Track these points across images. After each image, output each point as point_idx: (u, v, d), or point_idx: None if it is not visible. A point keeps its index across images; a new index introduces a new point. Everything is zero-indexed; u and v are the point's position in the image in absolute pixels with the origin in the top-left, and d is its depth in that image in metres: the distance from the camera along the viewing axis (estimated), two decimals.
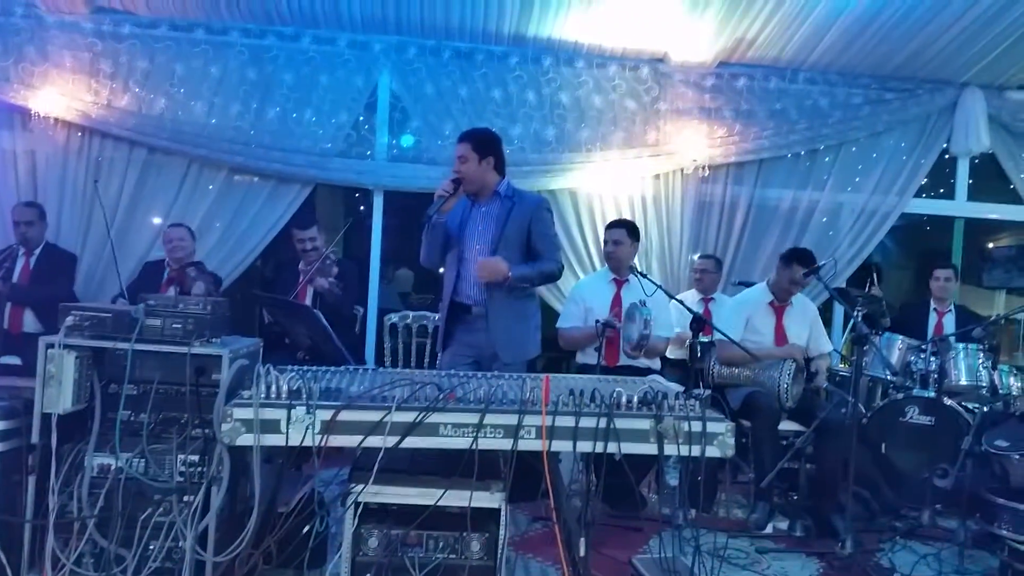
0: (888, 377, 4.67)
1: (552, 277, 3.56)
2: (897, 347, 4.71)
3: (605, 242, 4.47)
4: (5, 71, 5.02)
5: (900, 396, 4.48)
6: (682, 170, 5.48)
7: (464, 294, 3.48)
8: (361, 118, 5.32)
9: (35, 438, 2.40)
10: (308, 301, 4.49)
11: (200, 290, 4.33)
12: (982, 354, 4.48)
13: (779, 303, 4.32)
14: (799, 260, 4.18)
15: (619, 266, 4.37)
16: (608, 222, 4.62)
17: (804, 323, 4.35)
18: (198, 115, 5.14)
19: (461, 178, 3.40)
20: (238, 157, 5.14)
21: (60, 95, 5.04)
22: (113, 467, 2.40)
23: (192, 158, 5.17)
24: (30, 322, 4.58)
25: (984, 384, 4.43)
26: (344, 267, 4.63)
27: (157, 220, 5.14)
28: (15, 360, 4.20)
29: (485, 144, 3.49)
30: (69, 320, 2.44)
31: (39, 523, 2.40)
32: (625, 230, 4.37)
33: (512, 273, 3.32)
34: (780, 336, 4.27)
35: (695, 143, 5.44)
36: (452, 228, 3.51)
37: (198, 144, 5.10)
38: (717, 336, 4.14)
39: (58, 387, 2.37)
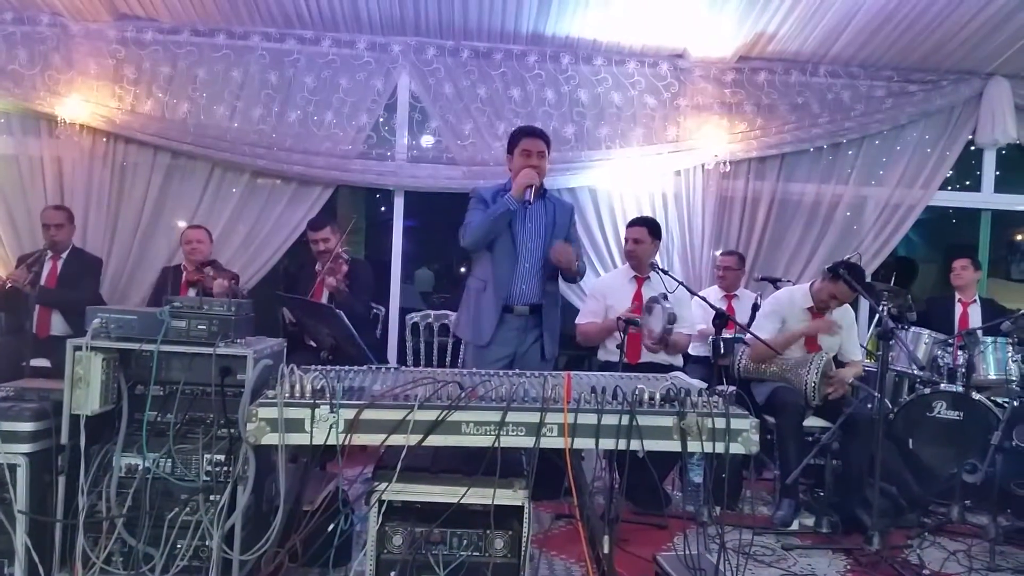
0: (915, 372, 4.63)
1: (580, 278, 3.82)
2: (923, 341, 4.68)
3: (626, 240, 4.46)
4: (32, 79, 5.10)
5: (927, 391, 4.44)
6: (703, 166, 5.46)
7: (516, 294, 3.60)
8: (381, 119, 5.37)
9: (64, 439, 2.43)
10: (324, 300, 4.51)
11: (222, 288, 4.36)
12: (1011, 347, 4.41)
13: (818, 311, 4.24)
14: (849, 276, 3.96)
15: (640, 264, 4.36)
16: (629, 220, 4.60)
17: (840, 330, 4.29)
18: (220, 119, 5.20)
19: (540, 174, 3.56)
20: (260, 160, 5.18)
21: (85, 102, 5.11)
22: (141, 467, 2.43)
23: (215, 162, 5.22)
24: (58, 325, 4.64)
25: (1014, 378, 4.37)
26: (356, 266, 4.64)
27: (182, 224, 5.18)
28: (44, 362, 4.26)
29: (549, 143, 3.70)
30: (96, 322, 2.47)
31: (69, 522, 2.43)
32: (646, 228, 4.35)
33: (579, 264, 3.63)
34: (812, 343, 4.24)
35: (716, 138, 5.42)
36: (508, 223, 3.61)
37: (221, 148, 5.15)
38: (746, 335, 4.13)
39: (86, 389, 2.40)
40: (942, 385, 4.44)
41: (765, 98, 5.48)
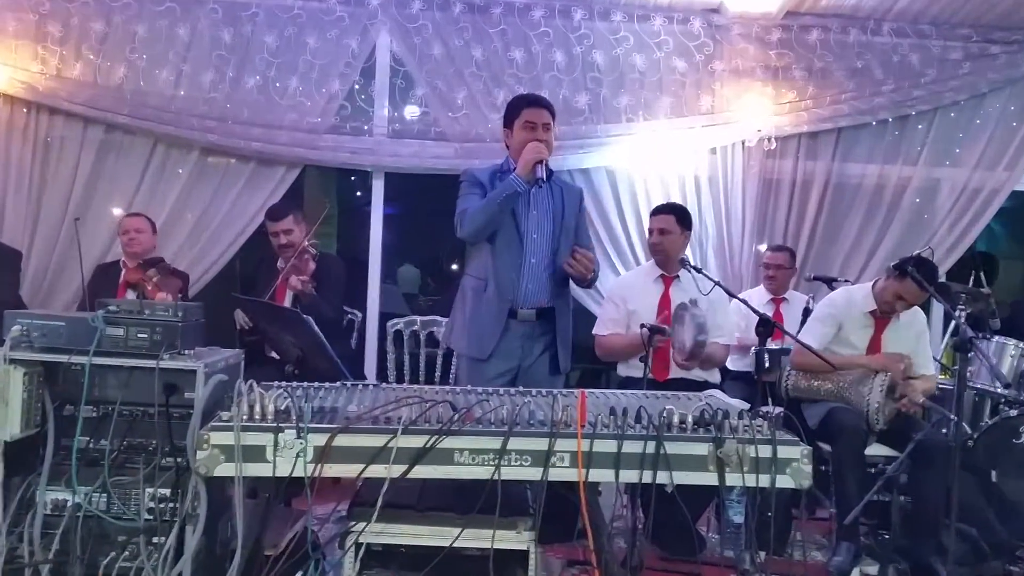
0: (998, 390, 4.62)
1: (593, 283, 3.80)
2: (1009, 354, 4.67)
3: (650, 231, 4.44)
4: None
5: (1014, 413, 4.42)
6: (743, 142, 5.44)
7: (522, 295, 3.60)
8: (356, 87, 5.34)
9: None
10: (287, 304, 4.53)
11: (166, 295, 4.36)
12: None
13: (881, 315, 4.24)
14: (919, 274, 3.95)
15: (667, 260, 4.34)
16: (654, 207, 4.60)
17: (908, 338, 4.30)
18: (164, 85, 5.16)
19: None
20: (211, 135, 5.15)
21: (2, 65, 5.09)
22: (70, 503, 2.42)
23: (157, 137, 5.20)
24: None
25: None
26: (325, 263, 4.65)
27: (118, 212, 5.15)
28: None
29: (555, 115, 3.70)
30: (15, 330, 2.47)
31: None
32: (674, 216, 4.34)
33: (596, 271, 3.59)
34: (876, 352, 4.25)
35: (759, 110, 5.40)
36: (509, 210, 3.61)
37: (164, 120, 5.12)
38: (792, 342, 4.12)
39: (4, 409, 2.38)
40: None
41: (818, 61, 5.44)
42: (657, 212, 4.44)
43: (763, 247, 5.41)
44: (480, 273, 3.66)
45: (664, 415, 2.30)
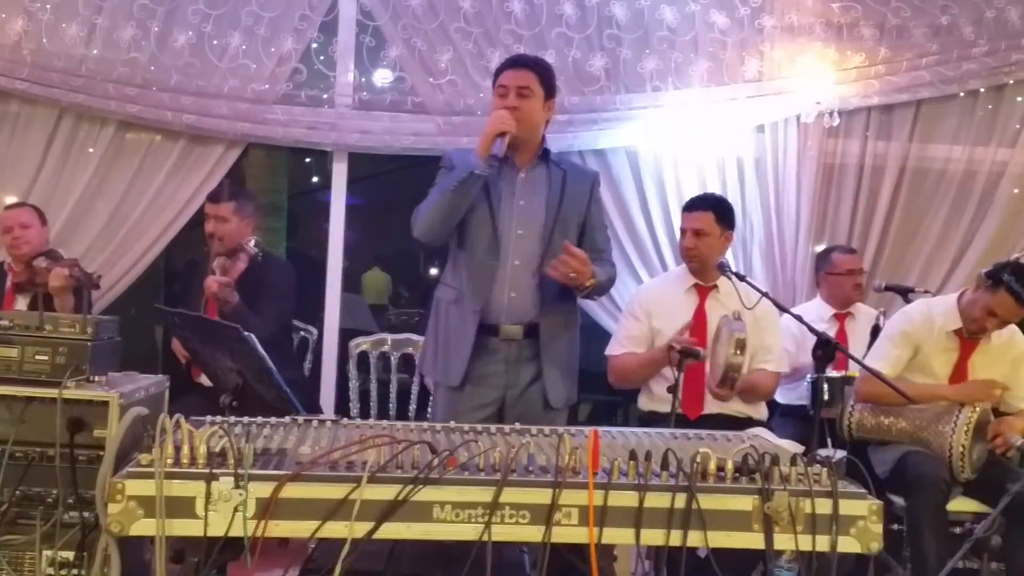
0: None
1: (610, 287, 3.87)
2: None
3: (682, 231, 4.46)
4: None
5: None
6: (798, 118, 5.43)
7: (501, 308, 3.62)
8: (315, 45, 5.32)
9: None
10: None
11: (62, 280, 4.31)
12: None
13: (968, 335, 4.25)
14: (1018, 286, 3.95)
15: (703, 266, 4.36)
16: (686, 201, 4.61)
17: (1002, 365, 4.30)
18: (72, 43, 5.14)
19: (516, 118, 3.50)
20: (132, 105, 5.12)
21: None
22: None
23: (63, 107, 5.19)
24: None
25: None
26: (267, 267, 4.67)
27: (11, 200, 5.12)
28: None
29: (552, 80, 3.71)
30: None
31: None
32: (712, 214, 4.36)
33: (594, 279, 3.53)
34: (961, 379, 4.26)
35: (818, 77, 5.37)
36: (479, 197, 3.61)
37: (73, 86, 5.11)
38: (857, 368, 4.14)
39: None
40: None
41: (892, 16, 5.41)
42: (691, 208, 4.45)
43: (820, 248, 5.39)
44: (453, 281, 3.71)
45: (698, 460, 2.28)
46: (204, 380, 4.44)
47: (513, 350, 3.63)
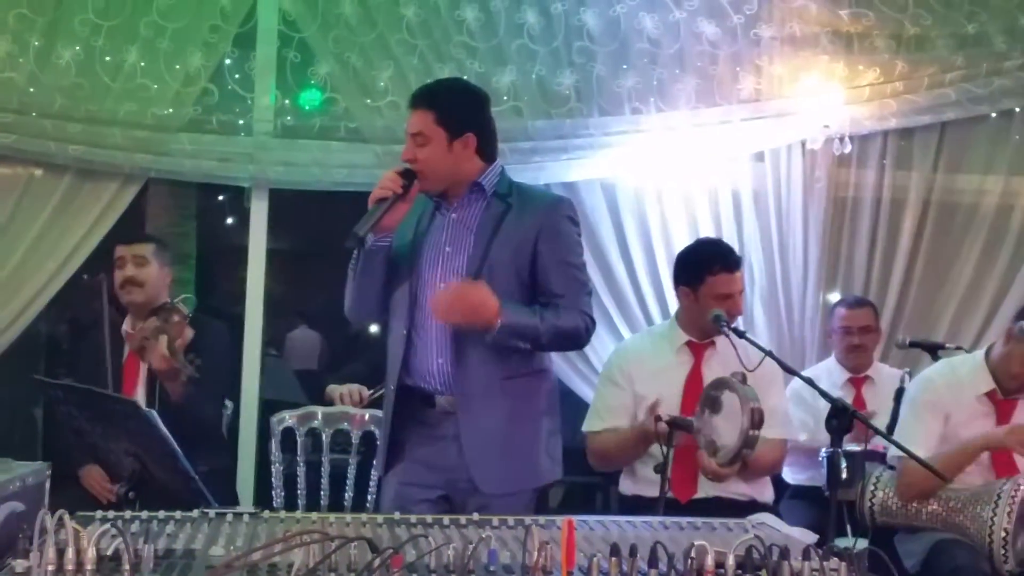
0: None
1: (574, 339, 3.64)
2: None
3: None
4: None
5: None
6: (803, 144, 5.33)
7: (421, 371, 3.57)
8: (228, 61, 5.18)
9: None
10: (141, 393, 4.48)
11: None
12: None
13: (1004, 395, 4.12)
14: None
15: (692, 324, 4.31)
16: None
17: None
18: None
19: (416, 170, 3.46)
20: (5, 135, 4.95)
21: None
22: None
23: None
24: None
25: None
26: (207, 330, 4.60)
27: None
28: None
29: (460, 111, 3.56)
30: None
31: None
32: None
33: (503, 318, 3.33)
34: (1003, 460, 4.11)
35: (825, 96, 5.27)
36: (401, 253, 3.57)
37: None
38: (885, 446, 4.16)
39: None
40: None
41: (910, 25, 5.29)
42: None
43: (833, 298, 5.34)
44: (389, 343, 3.73)
45: (692, 555, 2.10)
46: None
47: (450, 424, 3.55)
